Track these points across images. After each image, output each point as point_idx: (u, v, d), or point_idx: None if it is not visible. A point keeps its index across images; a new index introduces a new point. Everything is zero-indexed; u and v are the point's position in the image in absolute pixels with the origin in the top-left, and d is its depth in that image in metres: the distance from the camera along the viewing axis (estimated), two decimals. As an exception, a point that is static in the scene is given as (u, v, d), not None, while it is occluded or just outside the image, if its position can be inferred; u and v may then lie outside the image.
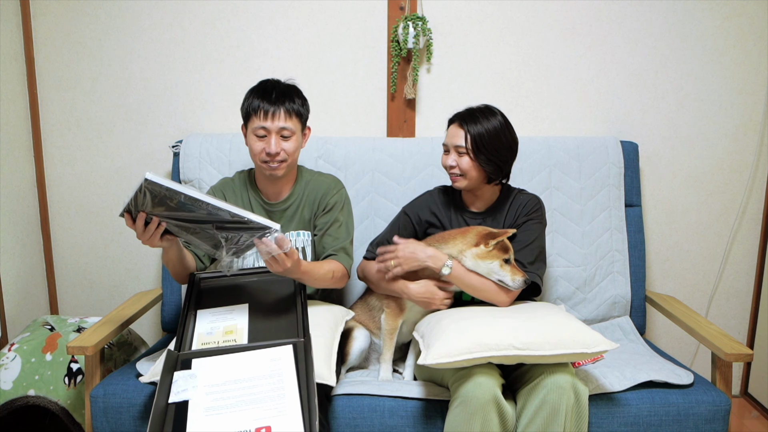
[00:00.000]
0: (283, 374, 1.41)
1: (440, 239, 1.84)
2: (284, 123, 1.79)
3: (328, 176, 1.99)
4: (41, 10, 2.31)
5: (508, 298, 1.79)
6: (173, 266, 1.79)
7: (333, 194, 1.92)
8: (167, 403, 1.37)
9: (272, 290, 1.80)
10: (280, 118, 1.78)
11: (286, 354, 1.48)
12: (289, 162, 1.83)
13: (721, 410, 1.71)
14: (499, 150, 1.81)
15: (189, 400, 1.37)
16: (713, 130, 2.42)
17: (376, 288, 1.92)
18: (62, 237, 2.47)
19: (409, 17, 2.26)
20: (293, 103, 1.81)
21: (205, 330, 1.62)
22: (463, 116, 1.84)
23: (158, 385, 1.42)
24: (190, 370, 1.45)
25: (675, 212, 2.47)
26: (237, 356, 1.49)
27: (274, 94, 1.80)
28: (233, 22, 2.32)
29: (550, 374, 1.57)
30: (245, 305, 1.70)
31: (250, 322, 1.64)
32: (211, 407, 1.35)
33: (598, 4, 2.33)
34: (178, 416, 1.33)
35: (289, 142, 1.81)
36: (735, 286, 2.53)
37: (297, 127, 1.82)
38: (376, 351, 1.96)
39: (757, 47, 2.36)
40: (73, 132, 2.40)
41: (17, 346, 2.04)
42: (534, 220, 1.88)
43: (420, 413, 1.69)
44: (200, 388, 1.40)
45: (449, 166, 1.85)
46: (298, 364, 1.44)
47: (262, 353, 1.49)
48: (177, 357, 1.51)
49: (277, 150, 1.79)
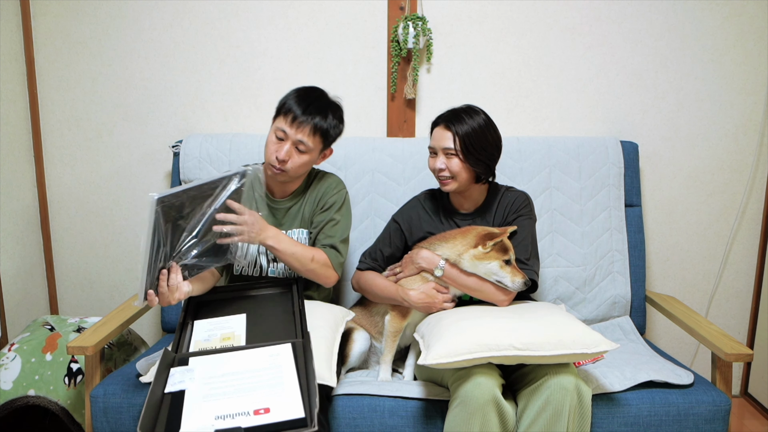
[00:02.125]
0: (282, 366, 1.40)
1: (441, 239, 1.84)
2: (304, 137, 1.75)
3: (332, 176, 1.97)
4: (41, 10, 2.31)
5: (506, 298, 1.79)
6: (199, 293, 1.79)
7: (333, 194, 1.90)
8: (163, 393, 1.35)
9: (270, 301, 1.78)
10: (303, 131, 1.75)
11: (285, 351, 1.47)
12: (292, 174, 1.81)
13: (721, 410, 1.71)
14: (486, 148, 1.81)
15: (186, 389, 1.35)
16: (713, 130, 2.42)
17: (373, 298, 1.92)
18: (62, 237, 2.47)
19: (409, 17, 2.26)
20: (324, 121, 1.78)
21: (202, 338, 1.60)
22: (448, 117, 1.83)
23: (154, 378, 1.40)
24: (187, 366, 1.44)
25: (675, 212, 2.47)
26: (235, 354, 1.48)
27: (311, 105, 1.77)
28: (233, 22, 2.32)
29: (553, 375, 1.56)
30: (242, 315, 1.69)
31: (248, 329, 1.62)
32: (209, 395, 1.33)
33: (598, 4, 2.33)
34: (174, 405, 1.32)
35: (301, 157, 1.78)
36: (735, 286, 2.53)
37: (316, 146, 1.79)
38: (375, 354, 1.96)
39: (757, 47, 2.36)
40: (73, 132, 2.40)
41: (17, 346, 2.04)
42: (524, 216, 1.87)
43: (420, 413, 1.69)
44: (197, 380, 1.38)
45: (438, 169, 1.83)
46: (297, 359, 1.43)
47: (260, 350, 1.48)
48: (174, 357, 1.50)
49: (285, 158, 1.77)
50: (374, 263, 1.95)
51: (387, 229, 1.99)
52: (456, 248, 1.79)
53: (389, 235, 1.96)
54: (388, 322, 1.86)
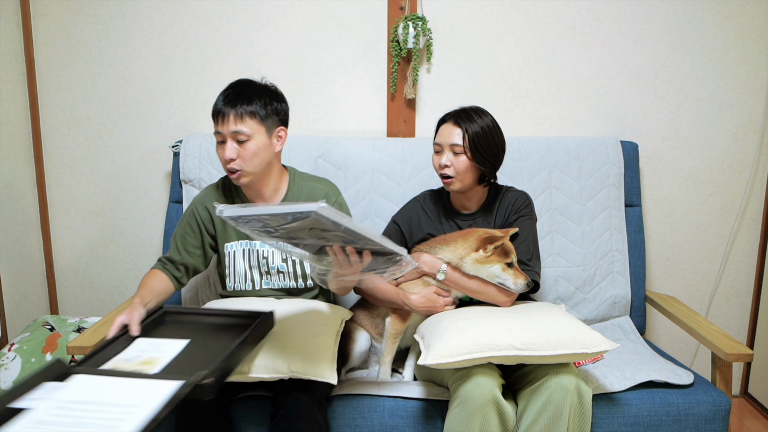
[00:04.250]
0: (141, 406, 1.20)
1: (442, 242, 1.83)
2: (236, 126, 1.66)
3: (323, 182, 1.88)
4: (41, 10, 2.31)
5: (509, 299, 1.79)
6: None
7: (331, 203, 1.80)
8: (7, 406, 1.20)
9: (224, 332, 1.60)
10: (231, 120, 1.67)
11: (166, 388, 1.26)
12: (250, 169, 1.71)
13: (721, 410, 1.71)
14: (492, 148, 1.81)
15: (31, 409, 1.20)
16: (713, 130, 2.42)
17: (374, 301, 1.91)
18: (62, 237, 2.47)
19: (409, 17, 2.26)
20: (249, 104, 1.68)
21: (126, 356, 1.46)
22: (458, 114, 1.83)
23: (17, 386, 1.26)
24: (60, 383, 1.29)
25: (675, 212, 2.47)
26: (119, 380, 1.30)
27: (230, 95, 1.69)
28: (233, 22, 2.32)
29: (554, 375, 1.57)
30: (186, 341, 1.53)
31: (178, 357, 1.46)
32: (45, 421, 1.17)
33: (598, 4, 2.33)
34: (3, 421, 1.17)
35: (246, 148, 1.68)
36: (735, 286, 2.53)
37: (255, 130, 1.69)
38: (375, 354, 1.95)
39: (757, 47, 2.36)
40: (73, 132, 2.40)
41: (17, 346, 2.04)
42: (525, 217, 1.87)
43: (420, 413, 1.69)
44: (54, 401, 1.22)
45: (443, 165, 1.82)
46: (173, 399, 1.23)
47: (144, 383, 1.29)
48: (63, 369, 1.33)
49: (231, 156, 1.68)
50: None
51: (387, 230, 1.98)
52: (457, 252, 1.78)
53: (389, 236, 1.95)
54: (389, 324, 1.86)
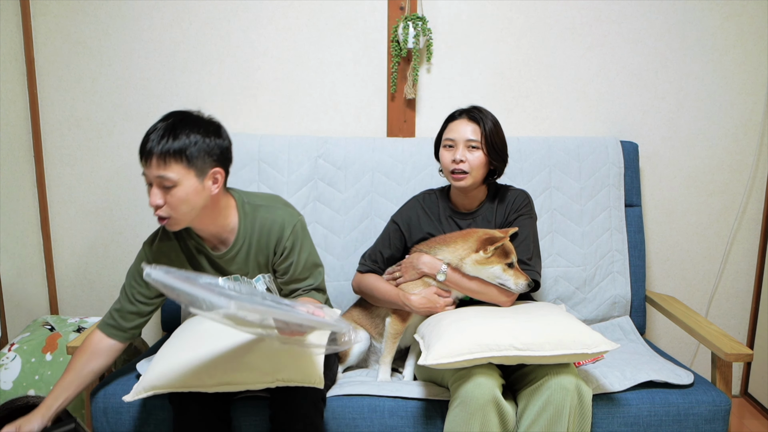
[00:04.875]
0: None
1: (441, 242, 1.83)
2: (160, 171, 1.48)
3: (275, 211, 1.69)
4: (41, 10, 2.31)
5: (509, 299, 1.79)
6: None
7: (288, 235, 1.66)
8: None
9: None
10: (154, 164, 1.48)
11: None
12: (179, 216, 1.52)
13: (721, 410, 1.71)
14: (503, 144, 1.84)
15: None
16: (713, 130, 2.42)
17: (374, 301, 1.91)
18: (62, 237, 2.47)
19: (409, 17, 2.26)
20: (173, 141, 1.47)
21: None
22: (471, 111, 1.84)
23: None
24: None
25: (675, 212, 2.47)
26: None
27: (155, 133, 1.50)
28: (233, 22, 2.32)
29: (554, 375, 1.56)
30: None
31: None
32: None
33: (598, 4, 2.33)
34: None
35: (174, 195, 1.49)
36: (735, 286, 2.53)
37: (183, 174, 1.48)
38: (375, 353, 1.96)
39: (757, 47, 2.36)
40: (73, 132, 2.40)
41: (17, 346, 2.04)
42: (524, 216, 1.87)
43: (420, 413, 1.69)
44: None
45: (458, 160, 1.79)
46: None
47: None
48: None
49: (157, 202, 1.50)
50: (374, 265, 1.95)
51: (386, 230, 1.98)
52: (457, 252, 1.78)
53: (389, 236, 1.96)
54: (389, 324, 1.86)
